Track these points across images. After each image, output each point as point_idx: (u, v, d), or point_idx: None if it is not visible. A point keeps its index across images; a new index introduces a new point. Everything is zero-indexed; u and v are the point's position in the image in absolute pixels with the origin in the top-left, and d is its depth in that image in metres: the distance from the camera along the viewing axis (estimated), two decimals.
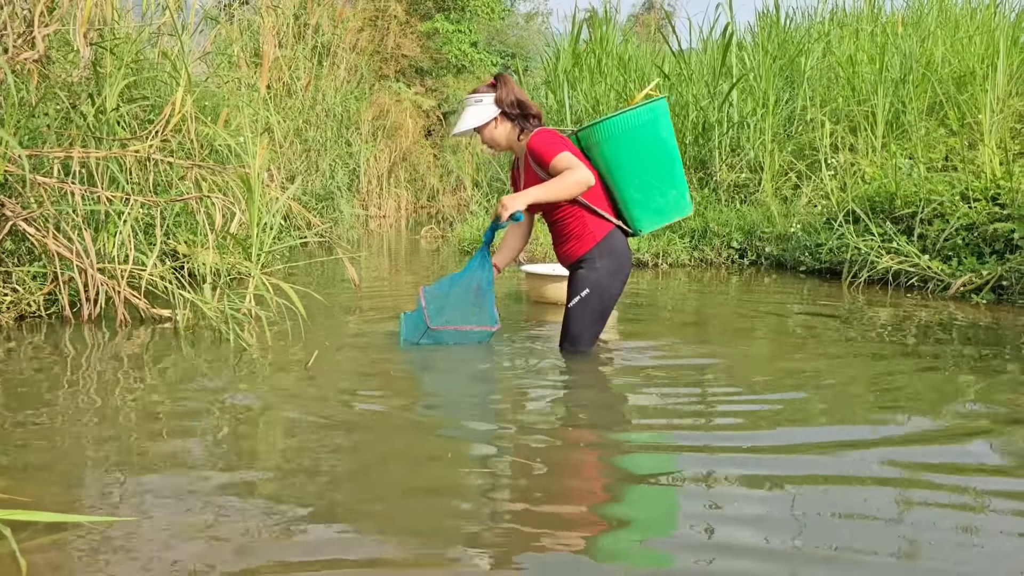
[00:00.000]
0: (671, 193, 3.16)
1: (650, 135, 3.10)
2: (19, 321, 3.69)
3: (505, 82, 3.25)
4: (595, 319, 3.23)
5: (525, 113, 3.25)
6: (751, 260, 6.67)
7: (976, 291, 4.82)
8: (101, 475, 1.94)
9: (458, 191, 13.95)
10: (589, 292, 3.17)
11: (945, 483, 1.93)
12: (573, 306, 3.22)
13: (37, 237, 3.67)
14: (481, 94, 3.25)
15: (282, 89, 8.92)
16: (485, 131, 3.27)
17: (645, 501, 1.90)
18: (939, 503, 1.82)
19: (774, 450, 2.16)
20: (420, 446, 2.22)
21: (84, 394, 2.64)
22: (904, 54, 7.11)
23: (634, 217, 3.20)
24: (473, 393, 2.87)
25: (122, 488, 1.86)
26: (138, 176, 4.33)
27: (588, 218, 3.17)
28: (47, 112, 4.19)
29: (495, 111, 3.23)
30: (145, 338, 3.51)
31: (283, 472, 1.97)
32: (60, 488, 1.85)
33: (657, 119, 3.11)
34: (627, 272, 3.24)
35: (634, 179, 3.13)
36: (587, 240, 3.18)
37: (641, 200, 3.15)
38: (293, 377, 2.89)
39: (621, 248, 3.20)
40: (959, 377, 3.00)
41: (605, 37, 9.94)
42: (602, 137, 3.14)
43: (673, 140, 3.19)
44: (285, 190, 7.15)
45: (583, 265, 3.19)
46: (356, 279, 4.50)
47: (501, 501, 1.82)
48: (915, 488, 1.90)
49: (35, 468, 1.98)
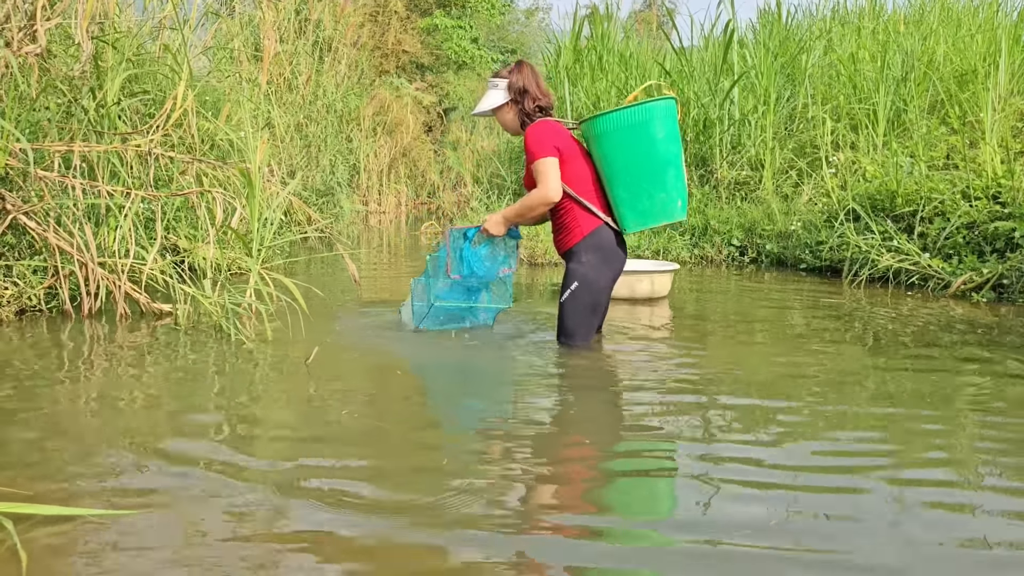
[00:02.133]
0: (659, 196, 3.11)
1: (641, 136, 3.07)
2: (20, 315, 3.69)
3: (520, 69, 3.31)
4: (587, 312, 3.25)
5: (532, 102, 3.27)
6: (751, 258, 6.66)
7: (976, 289, 4.82)
8: (102, 469, 1.94)
9: (458, 187, 13.93)
10: (578, 285, 3.20)
11: (944, 479, 1.94)
12: (564, 300, 3.24)
13: (38, 231, 3.67)
14: (499, 79, 3.33)
15: (283, 84, 8.90)
16: (499, 115, 3.37)
17: (641, 494, 1.90)
18: (942, 503, 1.83)
19: (772, 449, 2.16)
20: (418, 442, 2.22)
21: (84, 389, 2.64)
22: (906, 52, 7.10)
23: (621, 215, 3.19)
24: (471, 390, 2.87)
25: (123, 482, 1.86)
26: (139, 170, 4.33)
27: (577, 212, 3.20)
28: (48, 106, 4.18)
29: (507, 96, 3.30)
30: (145, 333, 3.51)
31: (282, 467, 1.97)
32: (61, 482, 1.85)
33: (651, 120, 3.06)
34: (617, 267, 3.26)
35: (622, 178, 3.12)
36: (575, 234, 3.22)
37: (627, 200, 3.14)
38: (292, 373, 2.89)
39: (608, 244, 3.21)
40: (957, 377, 3.01)
41: (606, 34, 9.93)
42: (596, 132, 3.14)
43: (672, 143, 3.13)
44: (285, 185, 7.15)
45: (571, 259, 3.25)
46: (356, 275, 4.49)
47: (498, 497, 1.82)
48: (911, 486, 1.91)
49: (36, 463, 1.98)
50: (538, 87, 3.29)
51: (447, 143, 16.36)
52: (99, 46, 4.24)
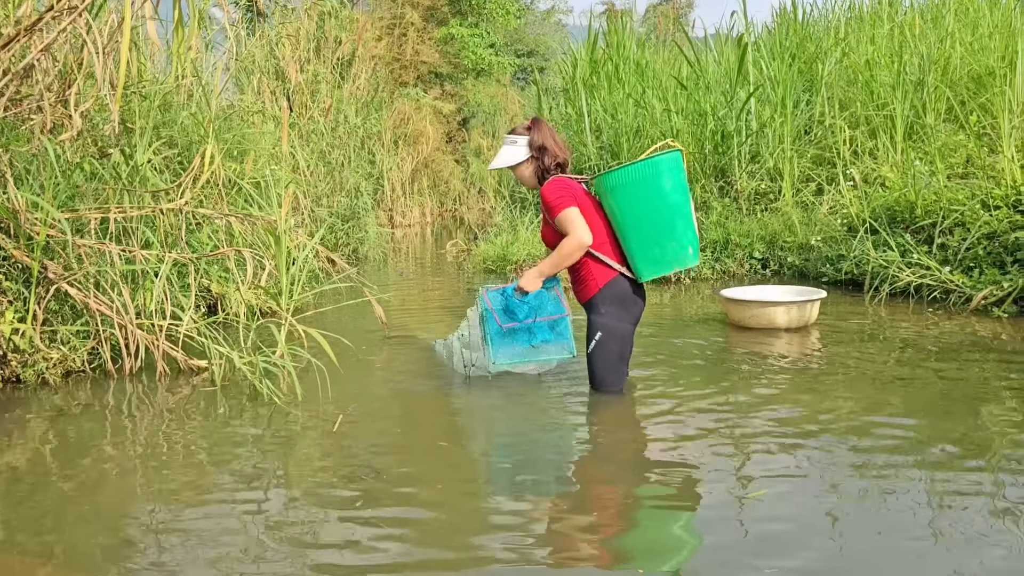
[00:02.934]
0: (670, 246, 3.21)
1: (651, 188, 3.17)
2: (66, 377, 3.88)
3: (538, 127, 3.43)
4: (616, 360, 3.37)
5: (551, 159, 3.40)
6: (773, 270, 6.69)
7: (998, 303, 4.83)
8: (139, 535, 2.09)
9: (481, 199, 14.07)
10: (602, 336, 3.32)
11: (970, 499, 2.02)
12: (592, 352, 3.35)
13: (79, 297, 3.85)
14: (517, 135, 3.46)
15: (304, 115, 9.07)
16: (518, 170, 3.50)
17: (664, 529, 2.01)
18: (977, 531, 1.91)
19: (800, 475, 2.25)
20: (454, 498, 2.34)
21: (130, 448, 2.80)
22: (922, 56, 7.06)
23: (635, 265, 3.30)
24: (502, 450, 2.99)
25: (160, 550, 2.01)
26: (171, 224, 4.50)
27: (592, 265, 3.32)
28: (82, 167, 4.36)
29: (527, 153, 3.42)
30: (184, 393, 3.68)
31: (310, 531, 2.11)
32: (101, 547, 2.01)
33: (659, 174, 3.17)
34: (636, 313, 3.37)
35: (633, 229, 3.23)
36: (591, 286, 3.33)
37: (639, 250, 3.25)
38: (320, 439, 3.03)
39: (625, 294, 3.32)
40: (970, 399, 3.06)
41: (622, 44, 9.97)
42: (607, 187, 3.24)
43: (680, 193, 3.22)
44: (311, 218, 7.32)
45: (591, 310, 3.36)
46: (383, 317, 4.63)
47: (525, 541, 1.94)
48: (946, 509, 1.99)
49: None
50: (555, 143, 3.41)
51: (470, 150, 16.51)
52: (125, 109, 4.41)
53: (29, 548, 2.14)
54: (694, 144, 7.85)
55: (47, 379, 3.78)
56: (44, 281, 3.85)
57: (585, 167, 8.80)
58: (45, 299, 3.83)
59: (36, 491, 2.54)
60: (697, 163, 7.83)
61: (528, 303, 3.36)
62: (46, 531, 2.24)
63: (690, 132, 7.98)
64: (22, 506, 2.43)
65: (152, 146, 4.50)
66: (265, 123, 7.28)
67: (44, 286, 3.85)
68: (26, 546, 2.15)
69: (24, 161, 4.07)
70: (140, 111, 4.54)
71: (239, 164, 5.64)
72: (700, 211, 7.33)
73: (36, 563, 2.05)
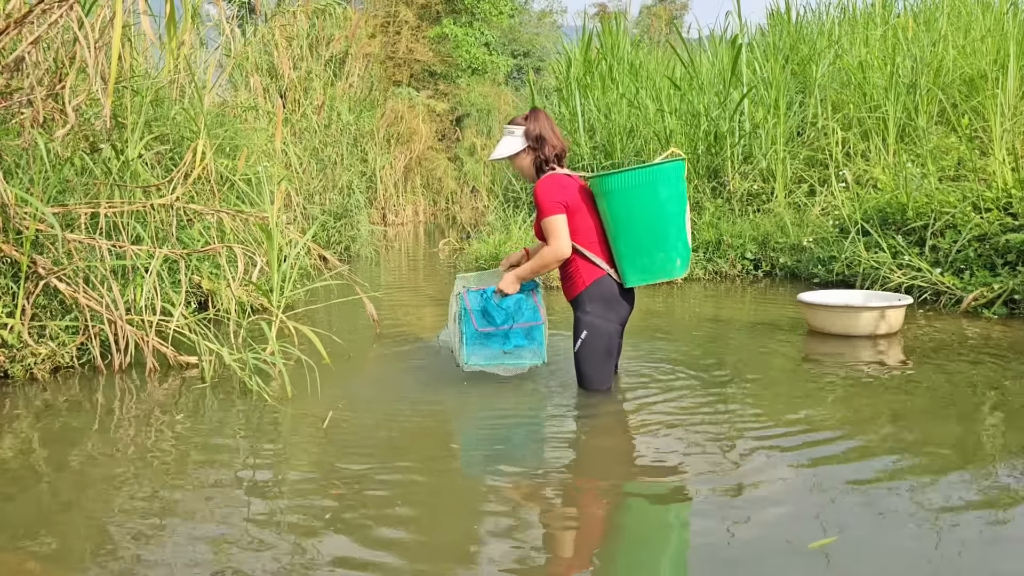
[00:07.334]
0: (658, 256, 3.21)
1: (645, 197, 3.16)
2: (54, 373, 3.85)
3: (536, 117, 3.43)
4: (601, 358, 3.37)
5: (550, 149, 3.39)
6: (765, 271, 6.71)
7: (988, 305, 4.85)
8: (127, 530, 2.08)
9: (474, 198, 14.06)
10: (587, 334, 3.32)
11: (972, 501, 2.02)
12: (578, 350, 3.36)
13: (68, 292, 3.83)
14: (515, 126, 3.45)
15: (297, 112, 9.05)
16: (516, 160, 3.48)
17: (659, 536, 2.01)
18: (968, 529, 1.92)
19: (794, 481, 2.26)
20: (441, 497, 2.34)
21: (119, 445, 2.79)
22: (915, 59, 7.09)
23: (622, 269, 3.29)
24: (490, 447, 2.99)
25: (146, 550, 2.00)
26: (162, 219, 4.48)
27: (580, 263, 3.32)
28: (73, 162, 4.33)
29: (524, 143, 3.41)
30: (173, 388, 3.66)
31: (298, 531, 2.10)
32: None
33: (658, 182, 3.15)
34: (622, 314, 3.37)
35: (625, 234, 3.22)
36: (578, 283, 3.33)
37: (628, 256, 3.24)
38: (310, 436, 3.02)
39: (611, 294, 3.32)
40: (961, 401, 3.07)
41: (616, 44, 9.97)
42: (604, 190, 3.23)
43: (676, 203, 3.21)
44: (303, 216, 7.30)
45: (577, 307, 3.36)
46: (374, 315, 4.62)
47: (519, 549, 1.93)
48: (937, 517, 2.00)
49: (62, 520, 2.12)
50: (553, 133, 3.40)
51: (463, 149, 16.50)
52: (117, 104, 4.39)
53: (15, 545, 2.12)
54: (687, 145, 7.86)
55: (35, 375, 3.76)
56: (33, 276, 3.83)
57: (578, 167, 8.80)
58: (34, 294, 3.80)
59: (23, 488, 2.53)
60: (690, 163, 7.84)
61: (506, 309, 3.39)
62: (33, 528, 2.23)
63: (683, 132, 7.98)
64: (9, 503, 2.41)
65: (143, 141, 4.49)
66: (258, 120, 7.25)
67: (33, 281, 3.83)
68: (12, 543, 2.14)
69: (14, 155, 4.05)
70: (132, 106, 4.52)
71: (231, 160, 5.63)
72: (693, 212, 7.33)
73: (22, 559, 2.03)
